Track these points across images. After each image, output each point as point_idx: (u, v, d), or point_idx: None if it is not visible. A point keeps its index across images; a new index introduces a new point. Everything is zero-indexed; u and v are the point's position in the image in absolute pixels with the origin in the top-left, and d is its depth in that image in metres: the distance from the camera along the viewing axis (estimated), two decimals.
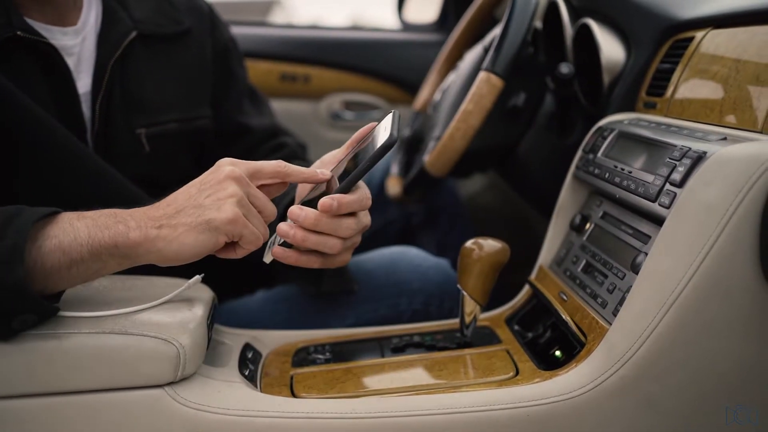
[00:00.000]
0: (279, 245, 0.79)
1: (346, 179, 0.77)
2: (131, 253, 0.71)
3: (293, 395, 0.82)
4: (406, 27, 2.22)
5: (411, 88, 1.96)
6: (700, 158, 0.75)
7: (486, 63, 1.12)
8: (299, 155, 1.22)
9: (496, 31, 1.30)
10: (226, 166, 0.74)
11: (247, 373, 0.83)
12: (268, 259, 0.82)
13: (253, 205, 0.75)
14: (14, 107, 0.86)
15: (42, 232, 0.70)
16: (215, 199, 0.72)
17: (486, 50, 1.31)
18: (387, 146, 0.73)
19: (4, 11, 0.89)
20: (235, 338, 0.92)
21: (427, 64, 1.75)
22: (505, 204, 1.93)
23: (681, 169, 0.77)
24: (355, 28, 2.31)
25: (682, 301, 0.73)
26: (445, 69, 1.60)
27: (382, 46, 2.00)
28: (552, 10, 1.31)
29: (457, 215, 1.68)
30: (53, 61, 0.93)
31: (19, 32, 0.88)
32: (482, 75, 1.11)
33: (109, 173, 0.95)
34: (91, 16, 1.00)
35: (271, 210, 0.77)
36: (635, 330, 0.75)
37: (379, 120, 0.80)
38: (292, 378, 0.86)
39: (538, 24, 1.33)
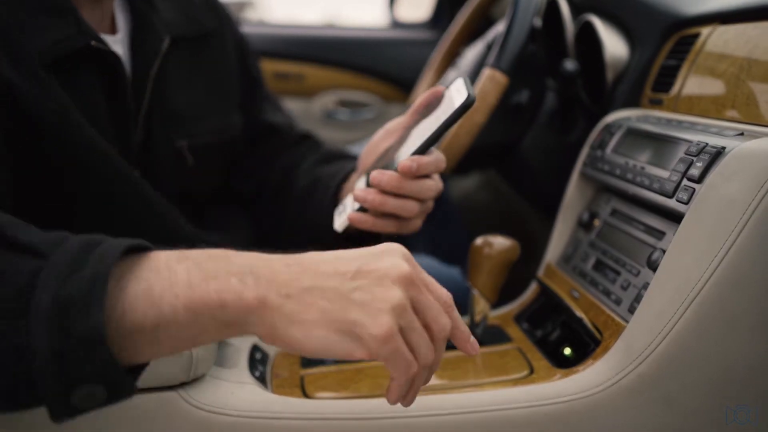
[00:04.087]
0: (355, 211, 0.79)
1: (423, 141, 0.77)
2: (239, 320, 0.51)
3: (305, 396, 0.80)
4: (397, 25, 2.21)
5: (405, 85, 1.95)
6: (719, 153, 0.75)
7: (491, 59, 1.11)
8: (327, 151, 1.14)
9: (499, 28, 1.29)
10: (399, 258, 0.55)
11: (257, 375, 0.81)
12: (341, 226, 0.81)
13: (421, 319, 0.55)
14: (74, 134, 0.76)
15: (128, 270, 0.51)
16: (372, 298, 0.52)
17: (489, 47, 1.30)
18: (466, 106, 0.74)
19: (72, 18, 0.78)
20: (241, 339, 0.90)
21: (421, 61, 1.74)
22: (499, 202, 1.93)
23: (699, 164, 0.76)
24: (348, 26, 2.29)
25: (703, 297, 0.72)
26: (442, 66, 1.59)
27: (376, 44, 1.99)
28: (552, 8, 1.31)
29: (447, 213, 1.67)
30: (117, 75, 0.84)
31: (93, 42, 0.79)
32: (487, 72, 1.10)
33: (155, 198, 0.88)
34: (120, 20, 0.92)
35: (444, 325, 0.57)
36: (654, 327, 0.75)
37: (447, 86, 0.82)
38: (302, 379, 0.84)
39: (537, 22, 1.32)
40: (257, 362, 0.85)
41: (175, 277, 0.51)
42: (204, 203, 1.08)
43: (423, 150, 0.77)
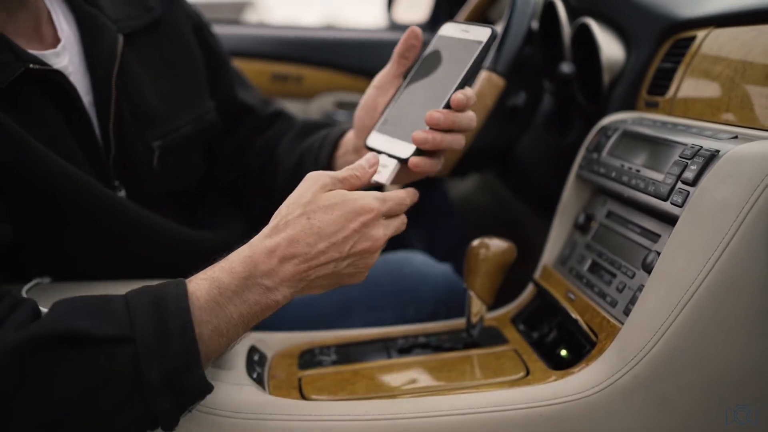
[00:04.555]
0: (413, 156, 0.79)
1: (462, 76, 0.79)
2: (273, 312, 0.72)
3: (303, 397, 0.81)
4: (396, 27, 2.21)
5: None
6: (713, 156, 0.75)
7: (487, 62, 1.12)
8: (303, 125, 1.14)
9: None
10: (378, 231, 0.73)
11: (255, 376, 0.82)
12: (389, 179, 0.81)
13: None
14: (38, 168, 0.75)
15: (195, 318, 0.66)
16: (355, 272, 0.74)
17: None
18: (493, 37, 0.80)
19: (4, 44, 0.76)
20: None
21: None
22: (498, 204, 1.93)
23: (693, 167, 0.77)
24: (346, 28, 2.29)
25: (697, 299, 0.73)
26: None
27: (374, 46, 1.99)
28: (549, 11, 1.32)
29: (445, 213, 1.68)
30: (65, 93, 0.81)
31: (31, 65, 0.76)
32: (484, 74, 1.11)
33: (142, 215, 0.89)
34: (64, 26, 0.87)
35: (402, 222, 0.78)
36: (649, 329, 0.75)
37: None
38: (300, 380, 0.85)
39: (535, 25, 1.33)
40: (255, 364, 0.85)
41: (228, 315, 0.67)
42: (194, 199, 1.08)
43: (464, 84, 0.80)
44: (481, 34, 0.81)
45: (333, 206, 0.71)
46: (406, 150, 0.80)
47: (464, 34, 0.83)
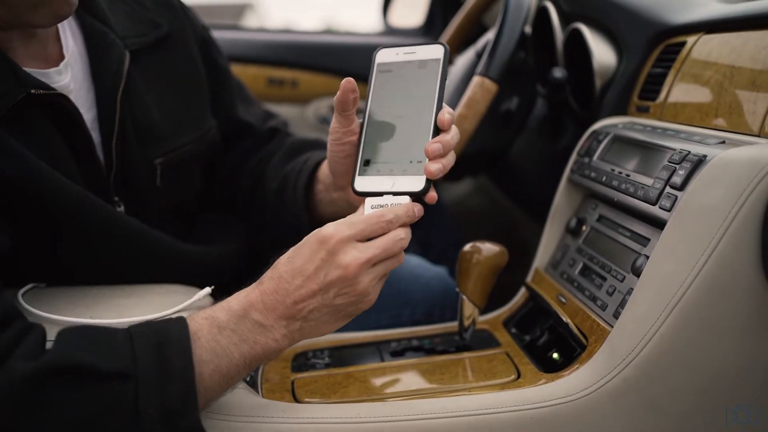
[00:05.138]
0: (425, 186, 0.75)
1: (437, 98, 0.77)
2: (278, 355, 0.73)
3: (296, 400, 0.82)
4: (391, 31, 2.22)
5: None
6: (700, 161, 0.76)
7: (480, 67, 1.13)
8: (292, 144, 1.12)
9: (489, 36, 1.31)
10: (347, 256, 0.70)
11: (248, 379, 0.83)
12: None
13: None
14: (41, 187, 0.76)
15: (195, 358, 0.67)
16: (350, 301, 0.71)
17: (479, 55, 1.32)
18: (446, 53, 0.78)
19: (8, 67, 0.76)
20: None
21: None
22: (492, 207, 1.94)
23: (681, 172, 0.78)
24: (342, 32, 2.30)
25: (685, 303, 0.74)
26: None
27: (370, 50, 1.99)
28: (542, 16, 1.33)
29: (439, 216, 1.68)
30: (66, 112, 0.82)
31: (33, 90, 0.77)
32: (476, 79, 1.12)
33: (140, 230, 0.89)
34: (70, 43, 0.87)
35: (400, 255, 0.76)
36: (638, 332, 0.76)
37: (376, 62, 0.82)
38: (293, 383, 0.85)
39: (528, 29, 1.34)
40: None
41: (228, 353, 0.69)
42: (193, 215, 1.08)
43: (440, 107, 0.77)
44: (433, 51, 0.79)
45: (304, 242, 0.72)
46: (415, 183, 0.75)
47: (411, 56, 0.80)
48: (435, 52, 0.79)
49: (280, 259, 0.73)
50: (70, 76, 0.85)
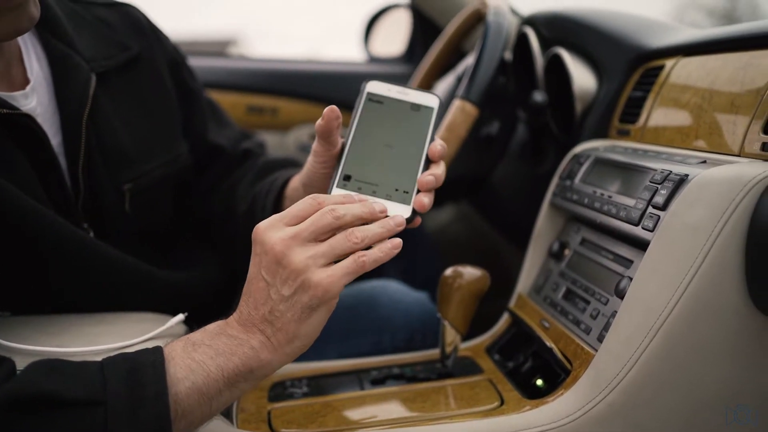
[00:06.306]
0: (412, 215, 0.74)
1: (426, 145, 0.77)
2: (266, 372, 0.67)
3: (272, 431, 0.79)
4: (373, 60, 2.23)
5: None
6: (682, 181, 0.75)
7: (460, 91, 1.12)
8: (263, 164, 1.11)
9: (469, 61, 1.31)
10: (271, 238, 0.65)
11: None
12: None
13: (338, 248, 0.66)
14: (6, 203, 0.74)
15: (170, 377, 0.63)
16: (297, 288, 0.64)
17: (459, 79, 1.31)
18: (443, 106, 0.80)
19: None
20: None
21: None
22: (474, 235, 1.93)
23: (663, 192, 0.77)
24: (323, 61, 2.30)
25: (670, 324, 0.72)
26: None
27: (350, 78, 2.00)
28: (522, 41, 1.33)
29: (421, 242, 1.67)
30: (33, 135, 0.80)
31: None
32: (457, 103, 1.11)
33: (111, 255, 0.87)
34: (34, 66, 0.85)
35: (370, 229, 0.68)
36: (622, 355, 0.74)
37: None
38: (269, 413, 0.82)
39: (508, 55, 1.34)
40: None
41: (205, 367, 0.64)
42: (165, 240, 1.06)
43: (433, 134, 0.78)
44: (427, 99, 0.80)
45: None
46: (401, 212, 0.73)
47: (404, 97, 0.80)
48: (429, 100, 0.80)
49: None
50: (36, 100, 0.83)
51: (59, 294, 0.85)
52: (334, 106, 0.76)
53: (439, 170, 0.76)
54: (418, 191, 0.75)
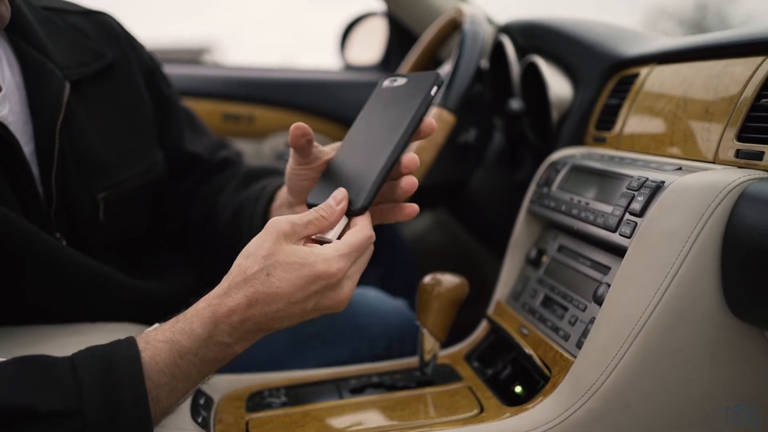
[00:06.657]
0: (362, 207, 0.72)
1: (398, 140, 0.73)
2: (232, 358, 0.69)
3: None
4: (350, 68, 2.22)
5: None
6: (658, 188, 0.76)
7: (438, 99, 1.12)
8: (246, 172, 1.10)
9: (445, 69, 1.31)
10: (320, 265, 0.66)
11: (200, 420, 0.78)
12: (336, 234, 0.73)
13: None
14: None
15: (153, 382, 0.63)
16: (324, 311, 0.69)
17: None
18: (439, 79, 0.75)
19: None
20: None
21: None
22: (452, 242, 1.93)
23: (640, 198, 0.77)
24: (298, 69, 2.29)
25: (647, 330, 0.73)
26: None
27: (327, 86, 1.99)
28: (498, 50, 1.34)
29: (399, 250, 1.67)
30: (5, 143, 0.78)
31: None
32: (434, 111, 1.11)
33: (85, 264, 0.85)
34: (6, 73, 0.83)
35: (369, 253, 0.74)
36: (601, 361, 0.75)
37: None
38: (247, 424, 0.81)
39: (484, 63, 1.35)
40: (200, 407, 0.81)
41: (186, 375, 0.65)
42: (140, 249, 1.04)
43: (415, 125, 0.75)
44: (426, 77, 0.77)
45: (292, 265, 0.65)
46: (356, 201, 0.72)
47: (404, 82, 0.79)
48: (427, 77, 0.77)
49: (245, 269, 0.66)
50: (8, 108, 0.81)
51: (32, 304, 0.83)
52: (299, 124, 0.75)
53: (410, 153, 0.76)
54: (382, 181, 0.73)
